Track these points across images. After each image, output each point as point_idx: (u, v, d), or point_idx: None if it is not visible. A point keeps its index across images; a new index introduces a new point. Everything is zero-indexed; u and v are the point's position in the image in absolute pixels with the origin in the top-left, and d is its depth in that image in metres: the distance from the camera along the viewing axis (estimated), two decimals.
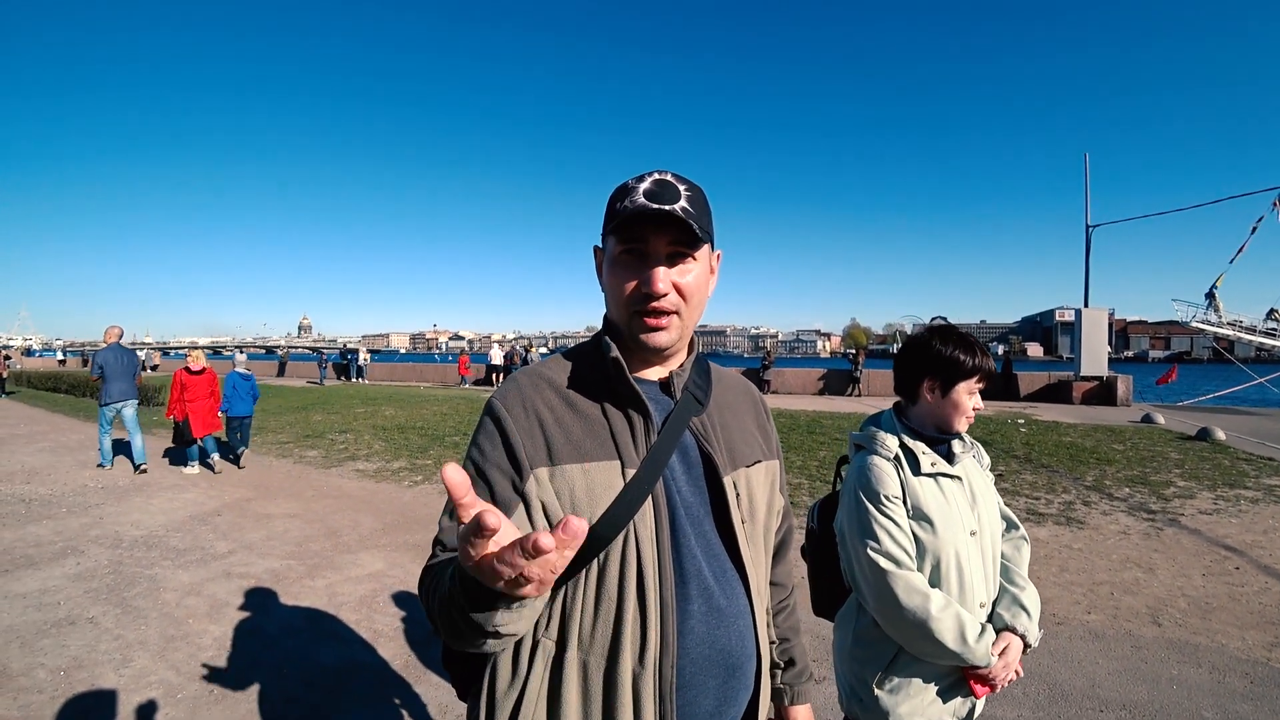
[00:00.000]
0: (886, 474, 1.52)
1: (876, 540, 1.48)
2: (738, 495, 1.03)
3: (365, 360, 28.96)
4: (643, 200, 0.93)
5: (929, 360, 1.55)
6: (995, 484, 1.69)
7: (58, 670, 3.19)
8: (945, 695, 1.52)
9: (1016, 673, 1.51)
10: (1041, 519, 5.80)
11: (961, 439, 1.61)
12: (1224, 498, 6.54)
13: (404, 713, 2.92)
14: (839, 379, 21.26)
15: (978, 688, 1.49)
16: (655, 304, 0.95)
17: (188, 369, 8.31)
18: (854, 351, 23.41)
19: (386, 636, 3.60)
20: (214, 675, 3.18)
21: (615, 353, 0.99)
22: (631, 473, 0.94)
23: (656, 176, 0.97)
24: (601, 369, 1.02)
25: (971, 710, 1.59)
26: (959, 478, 1.56)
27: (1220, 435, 10.15)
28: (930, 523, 1.49)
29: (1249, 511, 6.03)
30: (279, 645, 3.50)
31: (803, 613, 1.34)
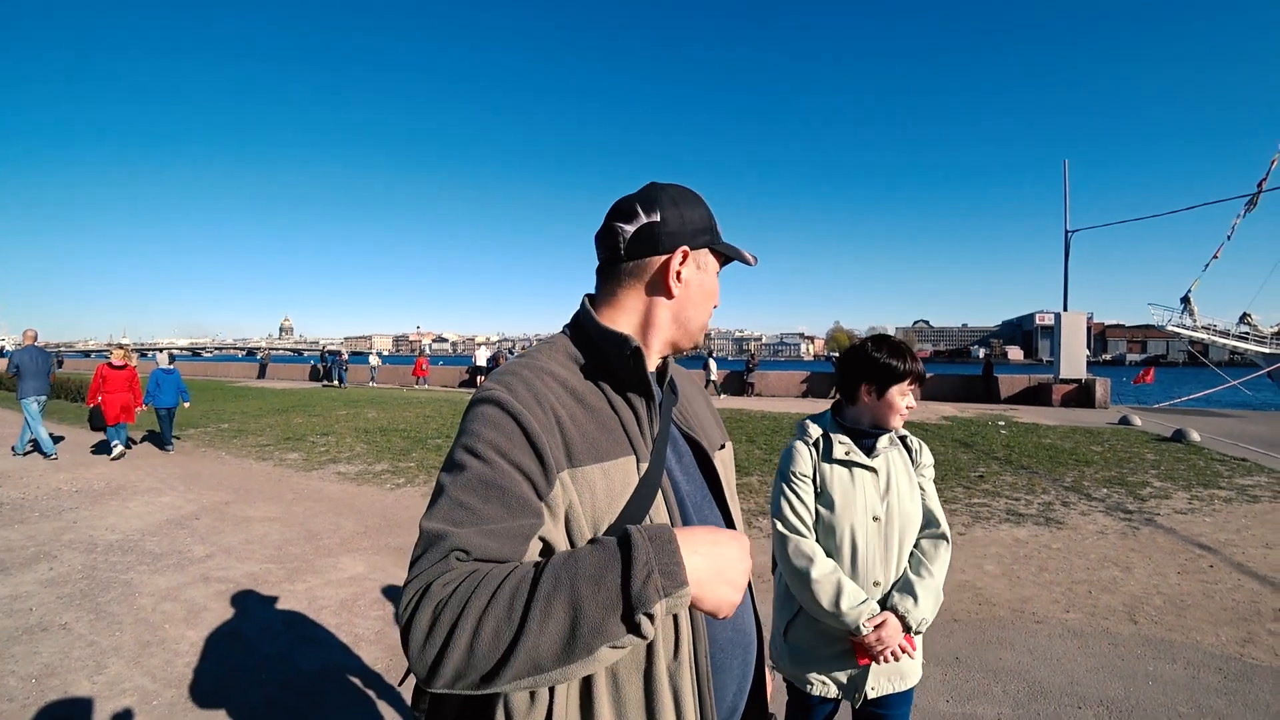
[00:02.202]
0: (802, 457, 1.76)
1: (780, 510, 1.75)
2: (724, 483, 1.07)
3: (376, 363, 28.57)
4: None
5: (866, 366, 1.73)
6: (976, 486, 1.77)
7: (29, 678, 3.12)
8: (837, 657, 1.71)
9: (904, 651, 1.65)
10: (1021, 519, 5.87)
11: (893, 437, 1.80)
12: (1198, 498, 6.66)
13: (385, 714, 2.89)
14: (822, 381, 21.41)
15: (859, 655, 1.67)
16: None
17: (110, 364, 9.10)
18: (837, 354, 23.56)
19: (368, 640, 3.57)
20: (191, 681, 3.12)
21: (637, 343, 0.95)
22: (644, 467, 0.92)
23: None
24: (605, 358, 0.98)
25: (862, 677, 1.71)
26: (873, 469, 1.73)
27: (1195, 437, 10.35)
28: (832, 502, 1.70)
29: (1223, 511, 6.15)
30: (258, 650, 3.45)
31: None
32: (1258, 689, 3.05)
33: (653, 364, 1.05)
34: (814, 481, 1.73)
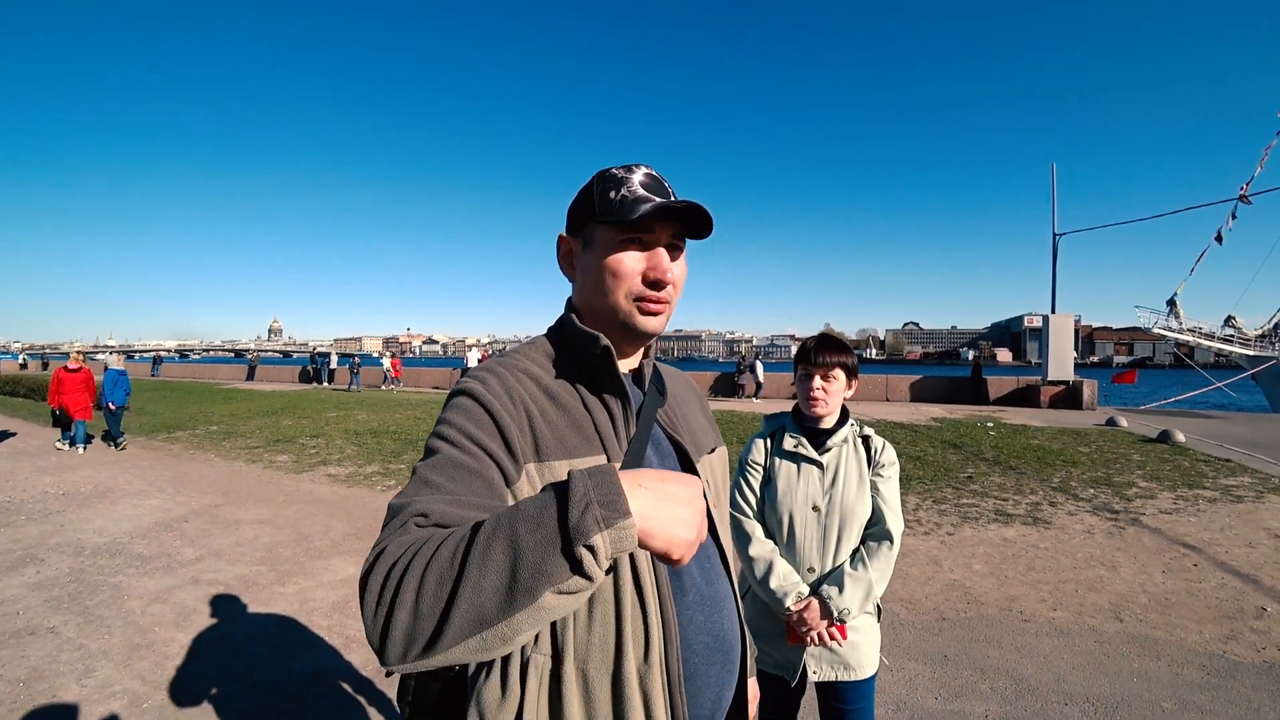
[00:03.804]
0: (756, 448, 1.94)
1: (733, 495, 1.91)
2: (707, 482, 1.05)
3: (389, 367, 27.57)
4: (643, 191, 0.94)
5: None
6: (964, 486, 1.81)
7: (16, 682, 3.10)
8: (775, 635, 1.81)
9: (832, 636, 1.73)
10: (1009, 519, 5.92)
11: (850, 436, 1.88)
12: (1183, 498, 6.74)
13: (376, 717, 2.89)
14: None
15: (790, 634, 1.77)
16: (658, 293, 0.96)
17: (66, 368, 9.93)
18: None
19: (359, 642, 3.56)
20: (181, 684, 3.11)
21: (605, 341, 0.96)
22: (618, 467, 0.92)
23: (645, 170, 0.98)
24: (580, 358, 0.99)
25: (796, 657, 1.78)
26: (820, 463, 1.84)
27: (1180, 438, 10.46)
28: (776, 490, 1.85)
29: (1207, 511, 6.22)
30: (249, 652, 3.44)
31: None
32: (1240, 685, 3.09)
33: (630, 362, 1.05)
34: (764, 470, 1.90)
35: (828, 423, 1.88)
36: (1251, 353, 25.98)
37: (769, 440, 1.93)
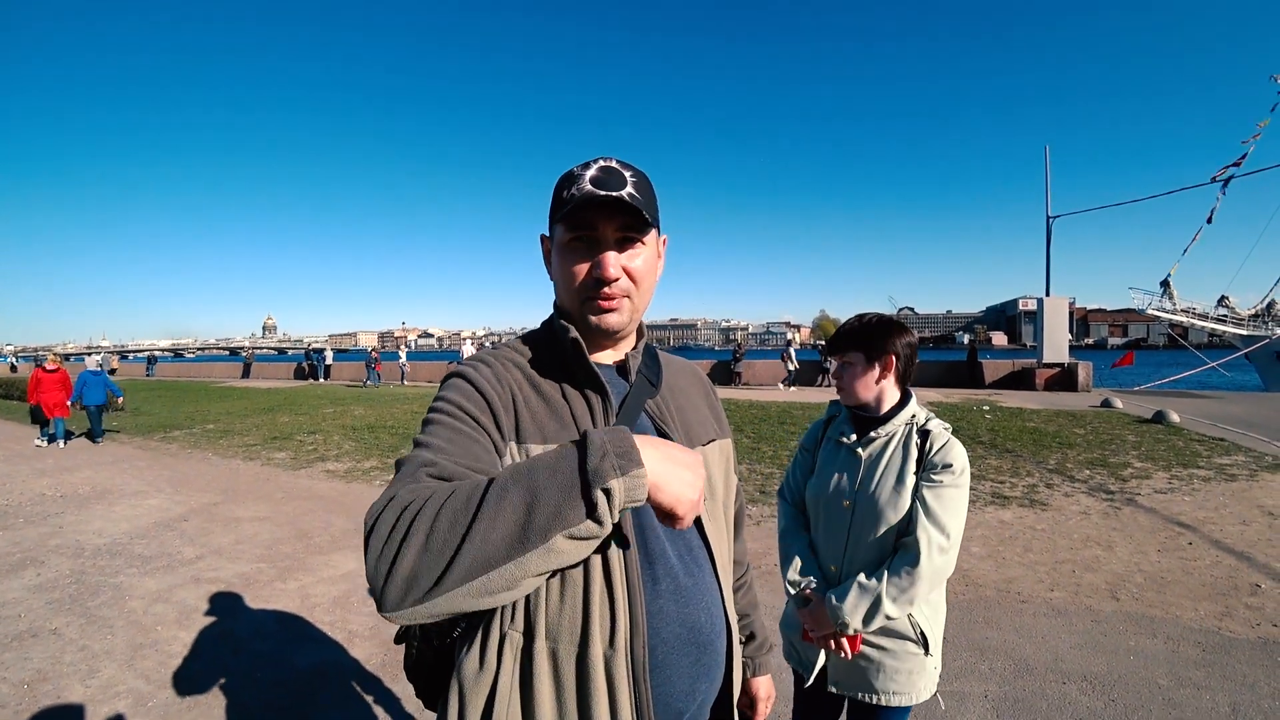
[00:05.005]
0: (811, 433, 1.88)
1: (784, 478, 1.92)
2: None
3: (403, 361, 26.90)
4: (590, 187, 0.94)
5: None
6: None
7: (21, 684, 3.11)
8: (799, 629, 1.71)
9: (839, 646, 1.58)
10: (1006, 501, 5.96)
11: (902, 427, 1.65)
12: (1178, 477, 6.80)
13: (380, 711, 2.90)
14: (809, 369, 21.52)
15: (804, 630, 1.67)
16: (607, 289, 0.97)
17: (44, 368, 10.63)
18: (824, 343, 23.70)
19: (361, 636, 3.57)
20: (185, 682, 3.12)
21: (574, 334, 0.99)
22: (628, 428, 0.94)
23: (602, 163, 0.98)
24: (559, 352, 1.02)
25: (812, 656, 1.67)
26: (856, 451, 1.68)
27: (1175, 418, 10.52)
28: (815, 480, 1.77)
29: (1201, 490, 6.28)
30: (251, 649, 3.45)
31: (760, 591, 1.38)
32: (1235, 660, 3.13)
33: (613, 354, 1.08)
34: (814, 457, 1.82)
35: (881, 410, 1.67)
36: (1245, 332, 26.11)
37: (824, 426, 1.83)
